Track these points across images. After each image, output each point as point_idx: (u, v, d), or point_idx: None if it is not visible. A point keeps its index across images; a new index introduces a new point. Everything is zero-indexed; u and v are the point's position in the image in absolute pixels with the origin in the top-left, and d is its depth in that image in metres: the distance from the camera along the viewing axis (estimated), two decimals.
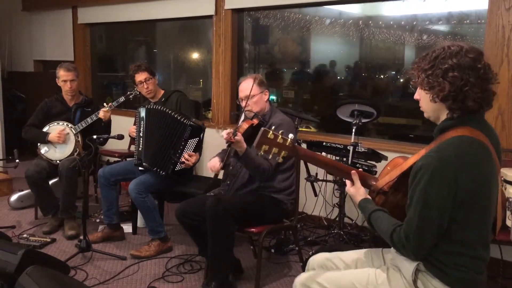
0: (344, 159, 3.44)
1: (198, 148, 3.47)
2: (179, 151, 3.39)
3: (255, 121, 2.83)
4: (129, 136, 3.78)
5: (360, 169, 2.09)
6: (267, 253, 3.54)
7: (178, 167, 3.42)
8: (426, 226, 1.53)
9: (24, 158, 4.48)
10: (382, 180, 1.80)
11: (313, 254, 2.11)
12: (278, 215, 2.97)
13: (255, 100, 2.94)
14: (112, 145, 5.08)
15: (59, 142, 3.86)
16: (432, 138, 1.68)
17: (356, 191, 1.85)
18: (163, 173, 3.43)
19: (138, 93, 3.82)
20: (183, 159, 3.37)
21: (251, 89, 2.86)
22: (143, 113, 3.57)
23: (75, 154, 3.90)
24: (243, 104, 2.95)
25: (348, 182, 1.91)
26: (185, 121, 3.38)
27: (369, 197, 1.83)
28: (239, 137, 2.60)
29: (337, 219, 3.80)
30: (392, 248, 1.81)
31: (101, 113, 3.80)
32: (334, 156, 3.59)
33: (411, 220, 1.55)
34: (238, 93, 3.03)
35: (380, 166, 3.47)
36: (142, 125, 3.56)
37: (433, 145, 1.60)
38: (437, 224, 1.53)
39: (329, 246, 3.61)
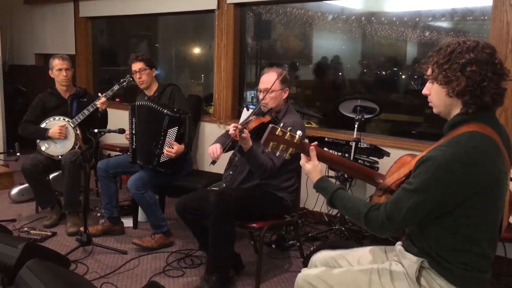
0: (346, 155, 3.44)
1: (181, 139, 3.43)
2: (160, 142, 3.37)
3: (267, 119, 2.78)
4: (126, 138, 3.73)
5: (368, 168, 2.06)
6: (268, 249, 3.54)
7: (162, 159, 3.39)
8: (415, 215, 1.53)
9: (25, 152, 4.47)
10: (390, 178, 1.78)
11: (314, 250, 2.10)
12: (279, 210, 2.96)
13: (273, 96, 2.88)
14: (113, 139, 5.08)
15: (61, 137, 3.84)
16: (435, 135, 1.67)
17: (313, 168, 1.82)
18: (150, 166, 3.43)
19: (131, 79, 3.82)
20: (164, 150, 3.36)
21: (273, 83, 2.82)
22: (133, 110, 3.57)
23: (76, 147, 3.89)
24: (260, 96, 2.91)
25: (303, 156, 1.86)
26: (162, 111, 3.36)
27: (324, 175, 1.82)
28: (246, 134, 2.58)
29: (338, 215, 3.80)
30: (395, 246, 1.81)
31: (99, 103, 3.80)
32: (336, 152, 3.58)
33: (401, 204, 1.53)
34: (259, 83, 2.96)
35: (382, 162, 3.47)
36: (133, 123, 3.57)
37: (443, 140, 1.58)
38: (426, 214, 1.53)
39: (330, 242, 3.61)
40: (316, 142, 1.91)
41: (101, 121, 3.88)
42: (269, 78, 2.88)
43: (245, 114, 3.78)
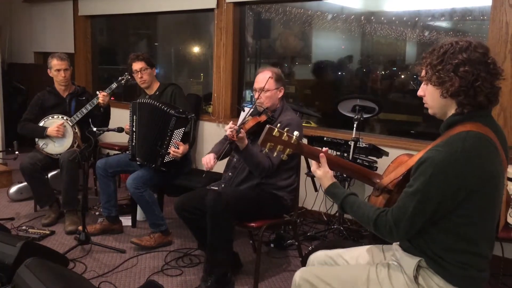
0: (345, 154, 3.43)
1: (186, 139, 3.41)
2: (166, 142, 3.35)
3: (263, 118, 2.79)
4: (125, 133, 3.73)
5: (366, 168, 2.06)
6: (266, 248, 3.54)
7: (167, 159, 3.38)
8: (419, 217, 1.54)
9: (23, 150, 4.46)
10: (386, 178, 1.78)
11: (312, 249, 2.10)
12: (278, 210, 2.96)
13: (268, 95, 2.89)
14: (112, 138, 5.08)
15: (59, 136, 3.84)
16: (434, 134, 1.67)
17: (324, 174, 1.84)
18: (153, 166, 3.42)
19: (129, 77, 3.82)
20: (170, 150, 3.35)
21: (266, 82, 2.83)
22: (134, 108, 3.56)
23: (75, 146, 3.89)
24: (256, 95, 2.91)
25: (314, 163, 1.88)
26: (170, 111, 3.33)
27: (336, 181, 1.84)
28: (242, 134, 2.58)
29: (337, 214, 3.80)
30: (393, 245, 1.81)
31: (100, 98, 3.79)
32: (335, 152, 3.58)
33: (405, 208, 1.54)
34: (254, 83, 2.97)
35: (381, 161, 3.47)
36: (134, 120, 3.56)
37: (439, 141, 1.58)
38: (430, 215, 1.53)
39: (328, 241, 3.61)
40: (326, 148, 1.92)
41: (103, 118, 3.88)
42: (264, 77, 2.88)
43: (242, 115, 3.79)
